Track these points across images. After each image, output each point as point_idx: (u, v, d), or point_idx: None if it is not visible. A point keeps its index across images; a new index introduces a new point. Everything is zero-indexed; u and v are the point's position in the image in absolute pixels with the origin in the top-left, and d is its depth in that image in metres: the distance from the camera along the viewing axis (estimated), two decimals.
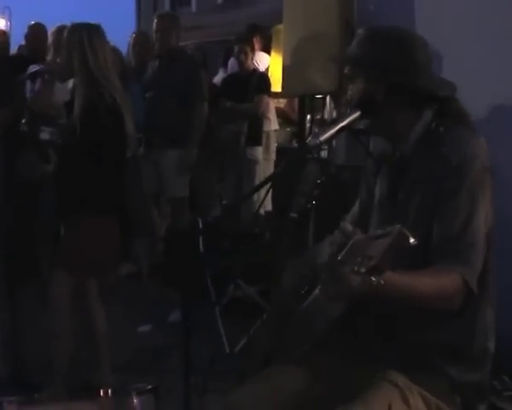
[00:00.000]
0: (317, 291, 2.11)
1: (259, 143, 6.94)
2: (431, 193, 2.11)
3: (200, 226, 4.87)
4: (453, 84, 2.22)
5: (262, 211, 6.22)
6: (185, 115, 5.75)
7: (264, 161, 7.02)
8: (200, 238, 4.81)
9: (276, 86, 6.45)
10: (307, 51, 4.92)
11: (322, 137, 2.01)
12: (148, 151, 6.07)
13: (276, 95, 7.04)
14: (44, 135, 4.28)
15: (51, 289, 3.89)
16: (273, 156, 7.20)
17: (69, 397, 3.36)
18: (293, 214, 4.08)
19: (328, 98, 5.38)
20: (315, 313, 2.10)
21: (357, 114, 2.07)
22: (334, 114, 5.30)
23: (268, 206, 6.27)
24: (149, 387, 2.50)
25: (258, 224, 6.09)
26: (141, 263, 6.37)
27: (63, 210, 3.98)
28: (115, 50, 5.96)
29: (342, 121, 2.07)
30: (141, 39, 6.77)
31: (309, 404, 2.17)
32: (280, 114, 7.70)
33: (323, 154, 4.79)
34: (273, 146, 7.23)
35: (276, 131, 7.37)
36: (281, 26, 5.82)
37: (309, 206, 4.41)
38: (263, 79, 6.97)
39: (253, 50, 6.99)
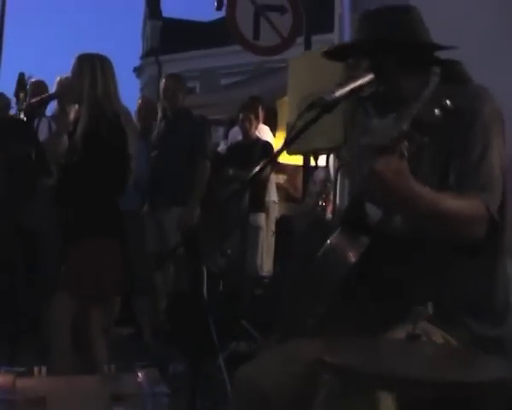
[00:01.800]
0: (329, 241, 2.12)
1: (262, 210, 6.98)
2: (444, 140, 2.13)
3: (205, 275, 4.88)
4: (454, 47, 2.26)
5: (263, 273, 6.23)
6: (188, 173, 5.82)
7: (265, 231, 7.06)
8: (204, 286, 4.81)
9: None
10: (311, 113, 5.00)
11: (338, 93, 2.01)
12: (152, 209, 6.11)
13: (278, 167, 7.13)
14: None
15: (52, 312, 3.85)
16: (272, 227, 7.24)
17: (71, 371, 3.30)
18: None
19: (331, 156, 5.44)
20: (330, 262, 2.10)
21: (370, 77, 2.09)
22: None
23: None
24: None
25: (260, 285, 6.09)
26: (142, 321, 6.31)
27: (65, 231, 3.99)
28: (125, 109, 6.05)
29: (355, 81, 2.08)
30: (146, 104, 6.90)
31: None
32: (280, 190, 7.77)
33: None
34: (273, 216, 7.27)
35: (275, 203, 7.43)
36: (286, 98, 5.95)
37: None
38: (267, 146, 7.05)
39: (257, 119, 7.09)
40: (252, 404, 2.17)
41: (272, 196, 7.31)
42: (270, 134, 7.69)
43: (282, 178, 8.13)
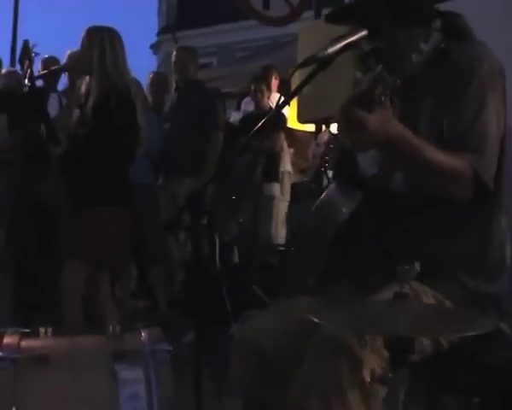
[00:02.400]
0: (323, 195, 2.15)
1: (277, 180, 6.99)
2: (441, 96, 2.14)
3: (217, 244, 4.92)
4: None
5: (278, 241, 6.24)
6: (201, 145, 5.84)
7: (279, 201, 7.07)
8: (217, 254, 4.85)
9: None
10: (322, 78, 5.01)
11: (330, 50, 2.00)
12: (165, 181, 6.15)
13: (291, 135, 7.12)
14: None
15: (63, 279, 3.92)
16: (287, 197, 7.24)
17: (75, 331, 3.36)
18: None
19: None
20: (324, 217, 2.12)
21: (363, 33, 2.07)
22: None
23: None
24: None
25: (274, 254, 6.11)
26: (157, 292, 6.36)
27: (73, 199, 4.05)
28: (136, 81, 6.10)
29: (349, 38, 2.05)
30: (157, 79, 6.93)
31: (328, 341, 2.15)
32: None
33: None
34: (287, 187, 7.27)
35: (290, 173, 7.43)
36: None
37: None
38: (280, 117, 7.05)
39: (269, 89, 7.09)
40: (250, 360, 2.20)
41: (287, 166, 7.31)
42: None
43: (289, 151, 8.11)
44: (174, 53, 6.29)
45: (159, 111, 6.46)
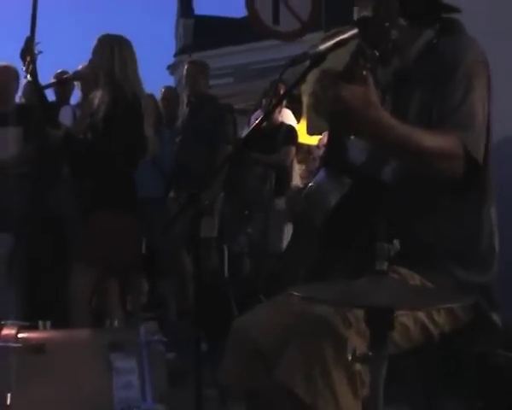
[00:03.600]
0: (312, 183, 2.18)
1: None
2: (429, 87, 2.18)
3: (226, 254, 4.95)
4: (456, 7, 2.31)
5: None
6: (210, 157, 5.90)
7: None
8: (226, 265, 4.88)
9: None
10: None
11: (321, 47, 2.03)
12: (177, 194, 6.20)
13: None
14: None
15: (71, 283, 3.96)
16: None
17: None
18: None
19: None
20: (313, 205, 2.15)
21: (354, 31, 2.10)
22: None
23: None
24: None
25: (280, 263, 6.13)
26: (168, 304, 6.39)
27: (79, 203, 4.11)
28: (151, 97, 6.17)
29: (340, 35, 2.08)
30: (169, 94, 7.01)
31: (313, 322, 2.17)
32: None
33: None
34: None
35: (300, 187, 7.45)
36: None
37: None
38: (290, 131, 7.09)
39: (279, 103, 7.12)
40: (245, 354, 2.24)
41: (296, 180, 7.34)
42: (293, 118, 7.72)
43: (299, 168, 8.14)
44: (185, 67, 6.36)
45: (170, 125, 6.54)
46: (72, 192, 4.47)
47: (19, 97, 5.59)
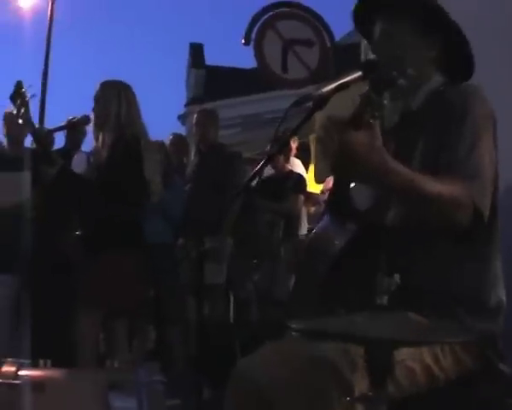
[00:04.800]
0: (316, 229, 2.17)
1: None
2: (435, 135, 2.18)
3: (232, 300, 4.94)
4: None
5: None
6: (220, 205, 5.91)
7: None
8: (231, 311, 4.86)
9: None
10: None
11: (324, 90, 2.05)
12: (185, 241, 6.20)
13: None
14: None
15: (77, 324, 3.95)
16: None
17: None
18: None
19: None
20: (316, 251, 2.14)
21: (358, 74, 2.12)
22: None
23: None
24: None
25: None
26: (174, 351, 6.35)
27: (85, 246, 4.12)
28: (161, 144, 6.21)
29: (343, 78, 2.10)
30: (177, 141, 7.07)
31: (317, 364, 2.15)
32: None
33: None
34: None
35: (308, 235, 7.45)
36: None
37: None
38: (299, 179, 7.11)
39: (289, 151, 7.16)
40: (246, 396, 2.20)
41: (304, 229, 7.35)
42: (302, 167, 7.76)
43: (312, 210, 8.17)
44: (195, 115, 6.41)
45: (178, 171, 6.57)
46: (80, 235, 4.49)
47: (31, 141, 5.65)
